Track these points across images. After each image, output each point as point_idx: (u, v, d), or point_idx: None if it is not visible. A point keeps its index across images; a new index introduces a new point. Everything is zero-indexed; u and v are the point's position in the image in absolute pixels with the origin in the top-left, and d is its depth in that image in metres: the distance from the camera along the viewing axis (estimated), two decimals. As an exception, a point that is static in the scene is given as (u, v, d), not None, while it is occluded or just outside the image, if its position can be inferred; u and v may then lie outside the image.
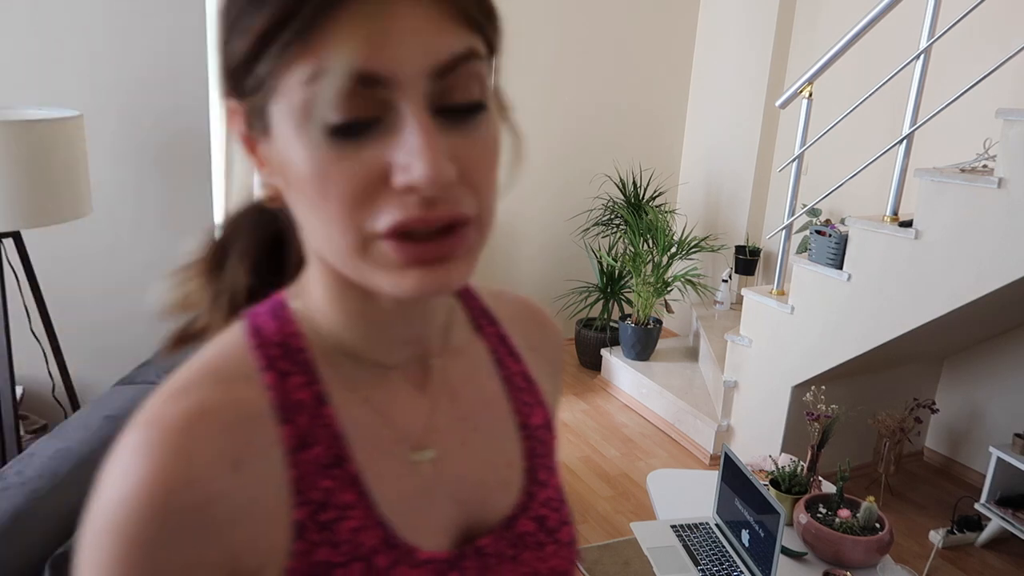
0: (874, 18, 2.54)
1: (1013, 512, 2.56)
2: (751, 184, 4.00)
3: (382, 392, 0.53)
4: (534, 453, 0.59)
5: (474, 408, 0.57)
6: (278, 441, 0.47)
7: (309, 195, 0.42)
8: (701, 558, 1.91)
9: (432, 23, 0.40)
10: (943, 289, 2.29)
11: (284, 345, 0.51)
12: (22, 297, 1.99)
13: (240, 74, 0.43)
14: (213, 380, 0.48)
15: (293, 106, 0.40)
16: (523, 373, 0.62)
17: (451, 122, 0.42)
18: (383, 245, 0.42)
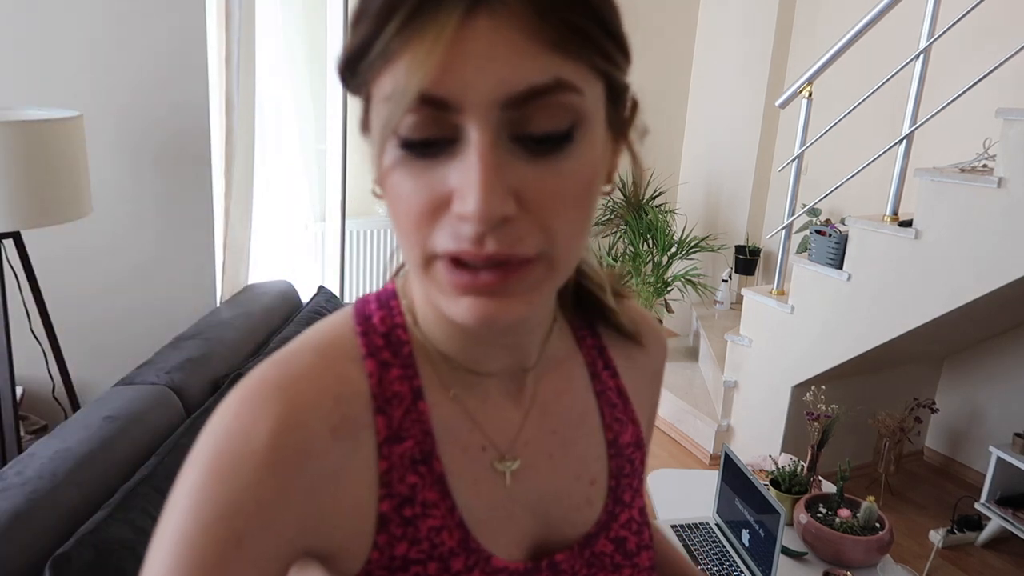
0: (874, 18, 2.54)
1: (1013, 512, 2.56)
2: (751, 184, 4.00)
3: (475, 397, 0.52)
4: (621, 472, 0.58)
5: (564, 422, 0.56)
6: (372, 428, 0.48)
7: (389, 203, 0.42)
8: (701, 558, 1.91)
9: (511, 49, 0.37)
10: (943, 289, 2.29)
11: (388, 336, 0.51)
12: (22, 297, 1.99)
13: (346, 76, 0.43)
14: (318, 354, 0.49)
15: (379, 117, 0.41)
16: (618, 388, 0.60)
17: (530, 152, 0.39)
18: (441, 266, 0.41)
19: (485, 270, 0.40)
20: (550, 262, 0.42)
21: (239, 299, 2.24)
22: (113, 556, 1.03)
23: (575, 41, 0.38)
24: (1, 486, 1.12)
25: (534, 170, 0.39)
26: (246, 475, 0.42)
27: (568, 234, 0.41)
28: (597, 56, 0.40)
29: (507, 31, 0.37)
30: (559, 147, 0.40)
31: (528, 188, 0.39)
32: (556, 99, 0.38)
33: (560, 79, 0.38)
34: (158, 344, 1.87)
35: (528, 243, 0.40)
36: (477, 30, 0.37)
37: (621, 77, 0.44)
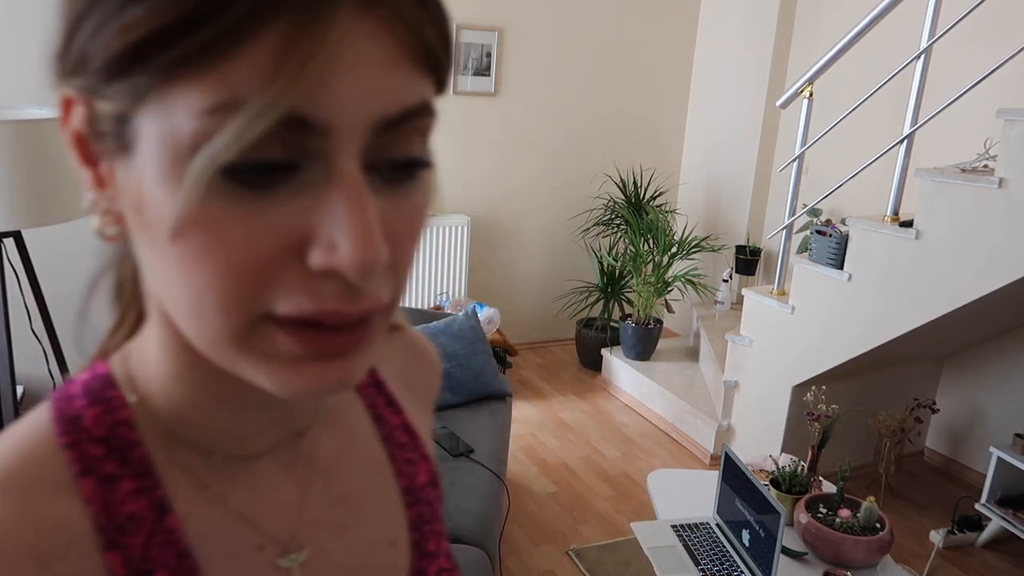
0: (874, 18, 2.54)
1: (1014, 512, 2.56)
2: (752, 184, 4.00)
3: (241, 487, 0.42)
4: (421, 520, 0.51)
5: (353, 483, 0.47)
6: (104, 573, 0.36)
7: (177, 251, 0.31)
8: (701, 558, 1.91)
9: (388, 60, 0.31)
10: (943, 289, 2.29)
11: (109, 440, 0.38)
12: (23, 297, 1.99)
13: (103, 70, 0.31)
14: (4, 494, 0.35)
15: (176, 134, 0.29)
16: (404, 425, 0.53)
17: (384, 183, 0.32)
18: (276, 334, 0.32)
19: (340, 333, 0.32)
20: (391, 310, 0.35)
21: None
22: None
23: (439, 60, 0.33)
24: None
25: (390, 205, 0.33)
26: None
27: (408, 272, 0.36)
28: (443, 66, 0.34)
29: (386, 40, 0.31)
30: (411, 177, 0.34)
31: (388, 226, 0.32)
32: (419, 123, 0.33)
33: (426, 101, 0.33)
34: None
35: (386, 289, 0.34)
36: (356, 34, 0.30)
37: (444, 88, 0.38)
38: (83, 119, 0.33)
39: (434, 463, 0.55)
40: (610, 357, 3.86)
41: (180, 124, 0.29)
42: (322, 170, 0.30)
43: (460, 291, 3.87)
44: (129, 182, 0.33)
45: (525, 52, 3.88)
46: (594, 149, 4.22)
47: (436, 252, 3.77)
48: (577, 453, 3.19)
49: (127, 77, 0.30)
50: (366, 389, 0.52)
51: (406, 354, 0.57)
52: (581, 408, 3.64)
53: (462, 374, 2.63)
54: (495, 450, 2.37)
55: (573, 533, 2.63)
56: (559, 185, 4.18)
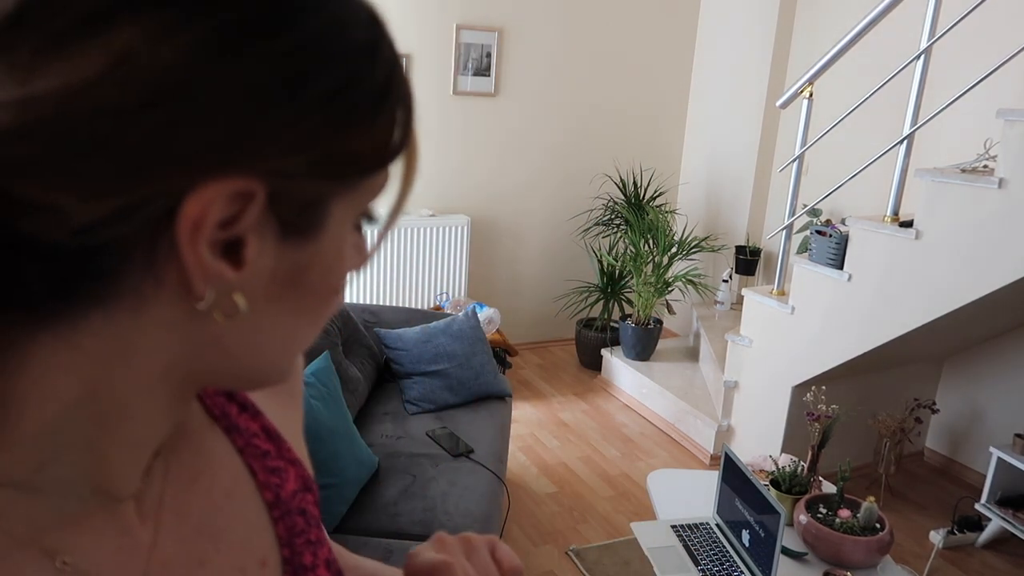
0: (874, 18, 2.54)
1: (1013, 512, 2.56)
2: (751, 184, 4.00)
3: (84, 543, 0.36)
4: (293, 532, 0.47)
5: (209, 509, 0.43)
6: None
7: (324, 294, 0.37)
8: (701, 558, 1.91)
9: None
10: (943, 289, 2.29)
11: None
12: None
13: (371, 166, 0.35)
14: None
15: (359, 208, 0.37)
16: (265, 429, 0.48)
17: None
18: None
19: None
20: None
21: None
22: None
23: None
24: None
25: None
26: None
27: None
28: None
29: None
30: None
31: None
32: None
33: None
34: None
35: None
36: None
37: None
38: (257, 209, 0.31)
39: (305, 465, 0.50)
40: (610, 357, 3.86)
41: (365, 199, 0.36)
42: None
43: (460, 291, 3.87)
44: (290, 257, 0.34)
45: (525, 52, 3.88)
46: (594, 149, 4.22)
47: (436, 252, 3.77)
48: (577, 453, 3.19)
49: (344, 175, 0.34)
50: (213, 399, 0.46)
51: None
52: (581, 408, 3.64)
53: (462, 374, 2.62)
54: (495, 450, 2.37)
55: (573, 533, 2.63)
56: (559, 185, 4.18)
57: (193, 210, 0.29)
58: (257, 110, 0.29)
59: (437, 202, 3.87)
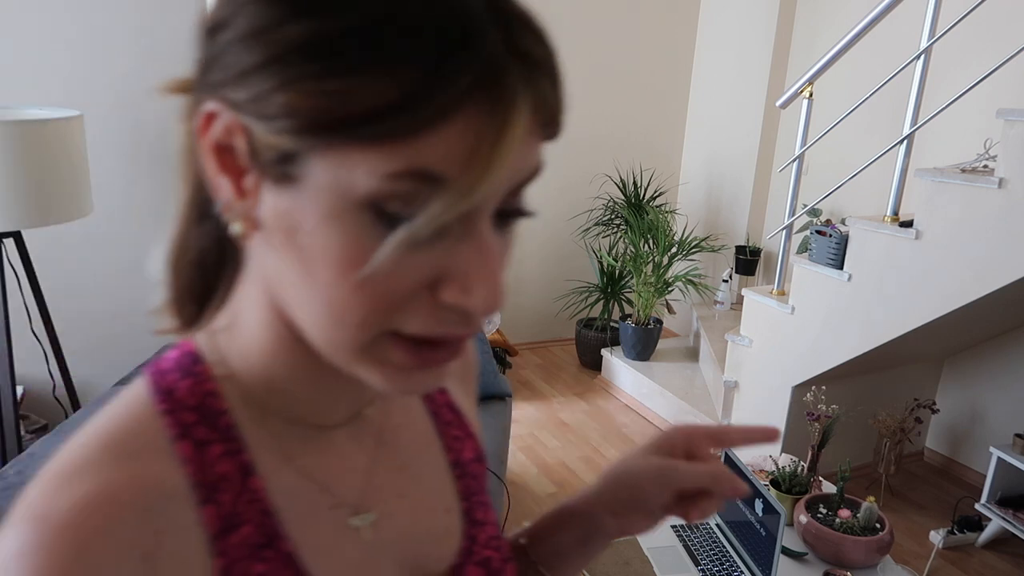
0: (874, 18, 2.54)
1: (1014, 512, 2.56)
2: (751, 184, 4.00)
3: (316, 454, 0.47)
4: (469, 491, 0.56)
5: (410, 456, 0.53)
6: (199, 524, 0.40)
7: (326, 276, 0.36)
8: (701, 558, 1.91)
9: (529, 138, 0.35)
10: (943, 289, 2.29)
11: (200, 409, 0.43)
12: (23, 296, 1.99)
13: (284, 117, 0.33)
14: (113, 457, 0.39)
15: (352, 187, 0.33)
16: (449, 404, 0.58)
17: (499, 226, 0.38)
18: (394, 347, 0.38)
19: (446, 347, 0.38)
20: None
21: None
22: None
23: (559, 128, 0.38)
24: (1, 485, 1.12)
25: (500, 243, 0.38)
26: None
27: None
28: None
29: (529, 121, 0.35)
30: (514, 222, 0.39)
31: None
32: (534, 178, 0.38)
33: (541, 164, 0.38)
34: (158, 344, 1.87)
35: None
36: (516, 116, 0.33)
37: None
38: (224, 133, 0.36)
39: (479, 441, 0.59)
40: (610, 357, 3.86)
41: (358, 180, 0.33)
42: (461, 223, 0.35)
43: (460, 291, 3.87)
44: (281, 205, 0.36)
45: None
46: (594, 149, 4.22)
47: (436, 252, 3.76)
48: (577, 453, 3.19)
49: (313, 132, 0.33)
50: None
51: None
52: (581, 408, 3.64)
53: (462, 374, 2.62)
54: (495, 450, 2.37)
55: (573, 533, 2.63)
56: (559, 185, 4.18)
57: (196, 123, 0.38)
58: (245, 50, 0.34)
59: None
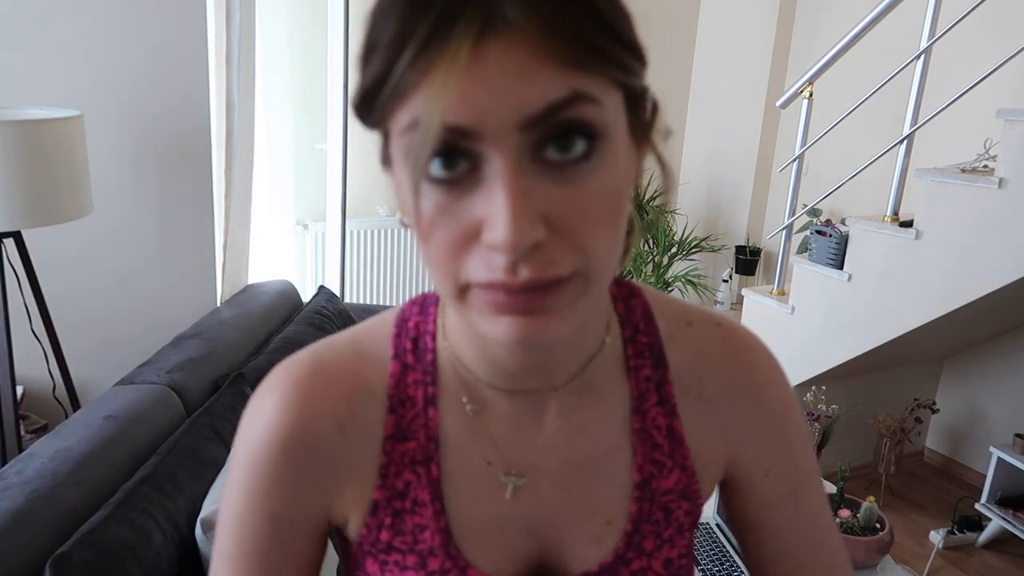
0: (874, 18, 2.54)
1: (1014, 512, 2.56)
2: (751, 184, 4.00)
3: (492, 413, 0.53)
4: (647, 518, 0.54)
5: (586, 454, 0.53)
6: (381, 424, 0.52)
7: (417, 235, 0.42)
8: (701, 558, 1.91)
9: (525, 68, 0.36)
10: (943, 289, 2.29)
11: (417, 341, 0.54)
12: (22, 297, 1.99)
13: (363, 112, 0.42)
14: (350, 350, 0.54)
15: (399, 151, 0.41)
16: (670, 428, 0.54)
17: (554, 171, 0.38)
18: (477, 291, 0.41)
19: (522, 294, 0.39)
20: (586, 279, 0.41)
21: (239, 299, 2.24)
22: (113, 556, 1.03)
23: (589, 56, 0.37)
24: (1, 485, 1.12)
25: (561, 190, 0.38)
26: (268, 464, 0.51)
27: (601, 250, 0.41)
28: (612, 67, 0.39)
29: (519, 53, 0.36)
30: (584, 163, 0.39)
31: (557, 209, 0.38)
32: (576, 112, 0.38)
33: (577, 91, 0.37)
34: (158, 344, 1.87)
35: (561, 264, 0.39)
36: (489, 55, 0.36)
37: (638, 83, 0.44)
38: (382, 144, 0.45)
39: (696, 479, 0.55)
40: (610, 357, 3.85)
41: (398, 143, 0.40)
42: (489, 168, 0.38)
43: (460, 291, 3.87)
44: (395, 188, 0.44)
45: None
46: (594, 149, 4.21)
47: (436, 252, 3.76)
48: (577, 453, 3.18)
49: (372, 110, 0.41)
50: (639, 382, 0.55)
51: (720, 366, 0.56)
52: (581, 408, 3.63)
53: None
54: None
55: (573, 533, 2.63)
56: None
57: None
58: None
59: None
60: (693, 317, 0.58)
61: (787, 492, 0.58)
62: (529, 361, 0.50)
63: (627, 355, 0.55)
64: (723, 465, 0.57)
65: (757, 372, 0.57)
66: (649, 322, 0.56)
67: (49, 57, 2.14)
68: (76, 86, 2.18)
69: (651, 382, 0.55)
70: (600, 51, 0.38)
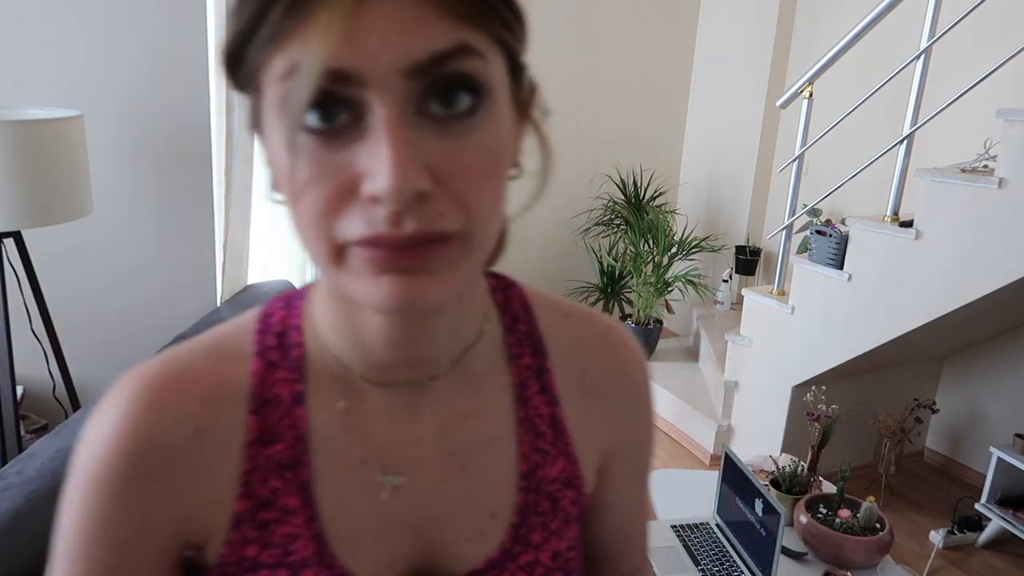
0: (874, 18, 2.54)
1: (1014, 512, 2.56)
2: (751, 184, 4.00)
3: (366, 408, 0.49)
4: (533, 508, 0.52)
5: (468, 445, 0.51)
6: (243, 429, 0.47)
7: (288, 197, 0.40)
8: (701, 558, 1.91)
9: (412, 16, 0.35)
10: (943, 289, 2.29)
11: (282, 336, 0.50)
12: (23, 296, 1.99)
13: (232, 68, 0.40)
14: (207, 351, 0.49)
15: (273, 103, 0.38)
16: (552, 416, 0.54)
17: (438, 125, 0.37)
18: (356, 251, 0.39)
19: (404, 249, 0.38)
20: (468, 240, 0.40)
21: (239, 299, 2.24)
22: (113, 556, 1.03)
23: (475, 8, 0.37)
24: (1, 485, 1.12)
25: (445, 144, 0.38)
26: (114, 481, 0.45)
27: (484, 210, 0.40)
28: (498, 25, 0.39)
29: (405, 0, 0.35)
30: (468, 118, 0.38)
31: (441, 163, 0.37)
32: (462, 65, 0.37)
33: (464, 43, 0.37)
34: (158, 343, 1.86)
35: (447, 219, 0.38)
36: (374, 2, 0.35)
37: (521, 51, 0.43)
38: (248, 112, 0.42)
39: (579, 466, 0.54)
40: (610, 357, 3.85)
41: (273, 93, 0.38)
42: (370, 118, 0.36)
43: (460, 291, 3.87)
44: (266, 152, 0.42)
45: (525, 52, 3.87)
46: (594, 149, 4.22)
47: (436, 252, 3.76)
48: (577, 453, 3.19)
49: (242, 64, 0.39)
50: (520, 370, 0.54)
51: (598, 354, 0.57)
52: (581, 408, 3.63)
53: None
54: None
55: (573, 533, 2.63)
56: (559, 185, 4.16)
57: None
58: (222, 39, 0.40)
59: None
60: (570, 310, 0.58)
61: (640, 471, 0.61)
62: (404, 348, 0.47)
63: (508, 343, 0.54)
64: (603, 451, 0.57)
65: (633, 364, 0.58)
66: (528, 312, 0.56)
67: (49, 57, 2.14)
68: (76, 86, 2.18)
69: (532, 370, 0.54)
70: (487, 5, 0.38)
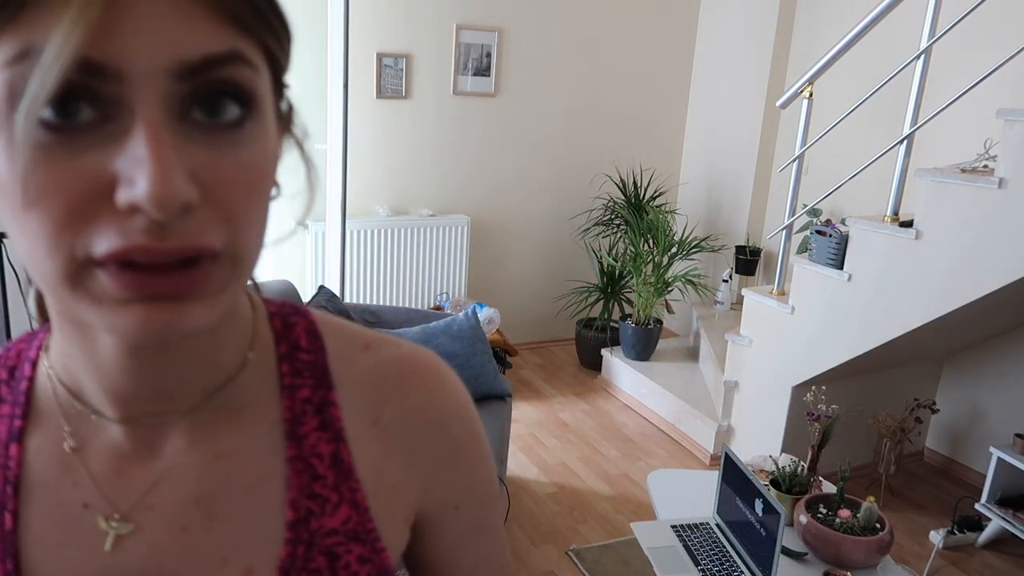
0: (874, 18, 2.54)
1: (1014, 512, 2.56)
2: (751, 184, 4.00)
3: (99, 445, 0.44)
4: (302, 564, 0.44)
5: (219, 489, 0.44)
6: None
7: (12, 204, 0.33)
8: (701, 558, 1.91)
9: (183, 14, 0.32)
10: (943, 289, 2.29)
11: (14, 369, 0.46)
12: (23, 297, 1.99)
13: None
14: None
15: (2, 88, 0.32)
16: (335, 457, 0.46)
17: (204, 134, 0.34)
18: (100, 274, 0.33)
19: (162, 274, 0.33)
20: (234, 259, 0.36)
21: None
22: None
23: (251, 17, 0.34)
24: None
25: (210, 154, 0.34)
26: None
27: (251, 228, 0.36)
28: (270, 36, 0.36)
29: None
30: (235, 130, 0.35)
31: (206, 174, 0.33)
32: (233, 72, 0.34)
33: (237, 51, 0.34)
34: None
35: (214, 234, 0.34)
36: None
37: (285, 68, 0.40)
38: None
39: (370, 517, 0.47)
40: (610, 357, 3.86)
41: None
42: (127, 118, 0.32)
43: (460, 291, 3.87)
44: None
45: (525, 52, 3.88)
46: (594, 149, 4.22)
47: (436, 252, 3.77)
48: (577, 453, 3.19)
49: None
50: (296, 404, 0.46)
51: (388, 385, 0.49)
52: (581, 408, 3.64)
53: (462, 374, 2.60)
54: (495, 450, 2.37)
55: (573, 533, 2.63)
56: (559, 185, 4.18)
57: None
58: None
59: (437, 202, 3.87)
60: (371, 340, 0.50)
61: (476, 523, 0.53)
62: (146, 378, 0.41)
63: (281, 373, 0.47)
64: (413, 501, 0.49)
65: (443, 398, 0.51)
66: (314, 340, 0.49)
67: (49, 57, 2.14)
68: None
69: (311, 404, 0.47)
70: (260, 12, 0.35)
